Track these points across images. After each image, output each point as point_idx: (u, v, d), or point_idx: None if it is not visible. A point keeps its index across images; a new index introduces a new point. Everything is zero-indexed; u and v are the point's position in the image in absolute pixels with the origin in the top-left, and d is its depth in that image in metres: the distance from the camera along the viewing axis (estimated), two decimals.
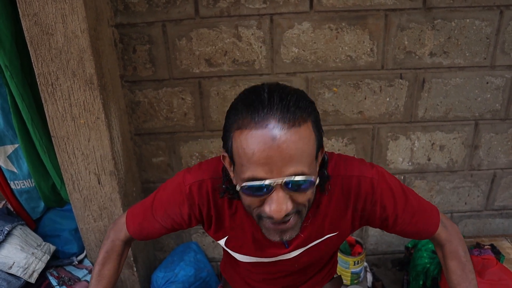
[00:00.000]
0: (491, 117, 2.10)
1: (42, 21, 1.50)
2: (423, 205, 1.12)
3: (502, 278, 1.70)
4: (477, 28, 1.91)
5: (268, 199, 0.80)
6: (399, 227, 1.07)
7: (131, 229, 1.19)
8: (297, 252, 1.10)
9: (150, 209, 1.13)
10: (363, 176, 0.99)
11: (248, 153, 0.76)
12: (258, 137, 0.75)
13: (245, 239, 1.08)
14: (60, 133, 1.69)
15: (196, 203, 1.03)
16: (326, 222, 1.04)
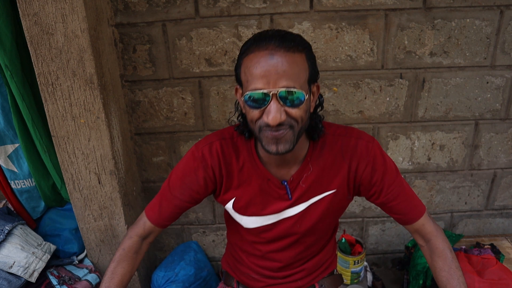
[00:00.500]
0: (491, 117, 2.10)
1: (42, 21, 1.51)
2: (412, 192, 1.18)
3: (502, 277, 1.70)
4: (477, 28, 1.91)
5: (266, 110, 0.96)
6: (384, 198, 1.15)
7: (151, 215, 1.23)
8: (300, 208, 1.18)
9: (168, 188, 1.21)
10: (361, 138, 1.14)
11: (251, 70, 0.95)
12: (260, 57, 0.94)
13: (252, 194, 1.18)
14: (61, 132, 1.69)
15: (209, 164, 1.15)
16: (324, 176, 1.15)
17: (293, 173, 1.15)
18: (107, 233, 1.92)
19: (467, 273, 1.72)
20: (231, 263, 1.47)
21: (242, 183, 1.17)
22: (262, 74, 0.93)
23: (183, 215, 2.30)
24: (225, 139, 1.17)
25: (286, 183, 1.16)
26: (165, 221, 1.24)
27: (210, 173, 1.16)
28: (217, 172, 1.16)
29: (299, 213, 1.20)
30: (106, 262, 1.98)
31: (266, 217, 1.21)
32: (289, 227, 1.22)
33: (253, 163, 1.16)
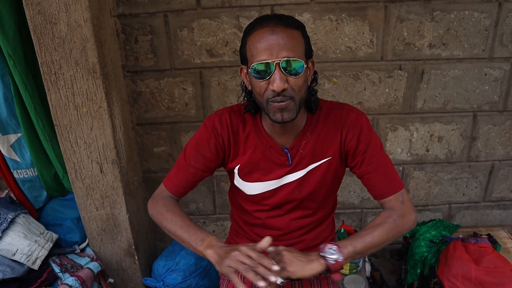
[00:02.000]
0: (489, 109, 2.12)
1: (45, 10, 1.52)
2: (392, 170, 1.26)
3: (498, 265, 1.73)
4: (476, 20, 1.93)
5: (271, 80, 1.07)
6: (364, 168, 1.24)
7: (168, 185, 1.34)
8: (299, 174, 1.28)
9: (183, 159, 1.31)
10: (352, 111, 1.25)
11: (256, 44, 1.08)
12: (263, 33, 1.07)
13: (256, 160, 1.29)
14: (63, 121, 1.71)
15: (219, 133, 1.27)
16: (320, 145, 1.26)
17: (293, 141, 1.26)
18: (109, 222, 1.94)
19: (464, 261, 1.74)
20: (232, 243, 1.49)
21: (248, 150, 1.29)
22: (266, 47, 1.06)
23: (184, 205, 2.32)
24: (234, 111, 1.30)
25: (286, 149, 1.26)
26: (182, 189, 1.34)
27: (220, 141, 1.28)
28: (226, 140, 1.28)
29: (299, 179, 1.29)
30: (108, 251, 2.01)
31: (268, 183, 1.31)
32: (289, 192, 1.31)
33: (258, 133, 1.28)
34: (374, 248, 1.21)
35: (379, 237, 1.19)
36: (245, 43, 1.15)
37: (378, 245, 1.21)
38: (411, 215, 1.23)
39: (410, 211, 1.23)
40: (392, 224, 1.20)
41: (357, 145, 1.23)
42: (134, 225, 2.01)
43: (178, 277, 2.06)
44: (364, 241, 1.18)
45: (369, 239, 1.19)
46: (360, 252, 1.18)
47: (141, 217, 2.14)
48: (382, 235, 1.19)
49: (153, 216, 1.34)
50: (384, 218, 1.22)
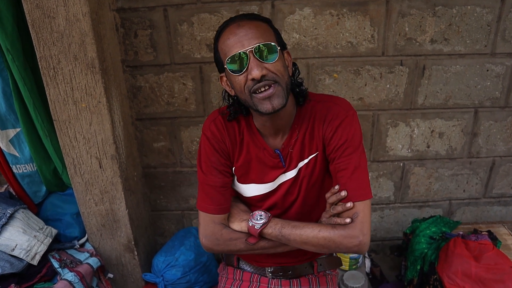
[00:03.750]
0: (490, 105, 2.11)
1: (43, 4, 1.50)
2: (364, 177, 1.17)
3: (498, 262, 1.72)
4: (478, 15, 1.91)
5: (248, 70, 1.06)
6: (336, 165, 1.18)
7: (211, 208, 1.27)
8: (292, 173, 1.26)
9: (204, 177, 1.27)
10: (338, 105, 1.21)
11: (226, 42, 1.08)
12: (230, 30, 1.08)
13: (250, 161, 1.27)
14: (62, 117, 1.70)
15: (219, 137, 1.25)
16: (308, 140, 1.23)
17: (283, 141, 1.25)
18: (108, 218, 1.93)
19: (464, 258, 1.74)
20: None
21: (243, 151, 1.27)
22: (236, 41, 1.06)
23: (184, 201, 2.32)
24: (225, 113, 1.27)
25: (278, 151, 1.25)
26: (225, 204, 1.29)
27: (222, 145, 1.26)
28: (228, 142, 1.26)
29: (292, 178, 1.27)
30: (107, 247, 2.01)
31: (264, 186, 1.29)
32: (285, 193, 1.29)
33: (252, 133, 1.26)
34: (300, 244, 1.19)
35: (308, 237, 1.16)
36: (216, 47, 1.14)
37: (305, 243, 1.17)
38: (356, 238, 1.11)
39: (357, 233, 1.12)
40: (328, 234, 1.14)
41: (331, 140, 1.18)
42: (134, 221, 2.01)
43: (178, 273, 2.06)
44: (293, 230, 1.18)
45: (298, 232, 1.17)
46: (285, 237, 1.20)
47: (141, 212, 2.13)
48: (312, 236, 1.15)
49: (223, 251, 1.32)
50: (330, 225, 1.16)
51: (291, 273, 1.42)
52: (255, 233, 1.22)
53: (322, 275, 1.46)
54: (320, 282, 1.44)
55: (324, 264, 1.45)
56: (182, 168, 2.22)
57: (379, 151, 2.19)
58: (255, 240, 1.23)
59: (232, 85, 1.14)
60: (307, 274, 1.44)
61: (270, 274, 1.42)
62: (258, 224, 1.21)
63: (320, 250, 1.18)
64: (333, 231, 1.14)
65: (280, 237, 1.20)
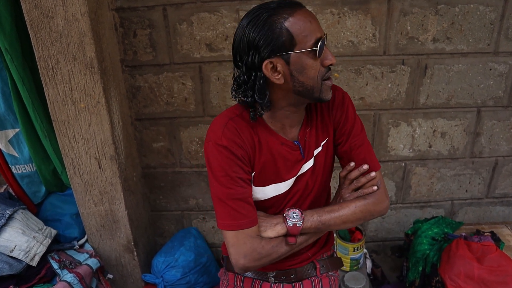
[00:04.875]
0: (493, 104, 2.09)
1: (42, 4, 1.50)
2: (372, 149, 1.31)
3: (501, 264, 1.70)
4: (481, 13, 1.89)
5: (324, 56, 1.08)
6: (350, 145, 1.26)
7: (243, 222, 1.15)
8: (310, 163, 1.27)
9: (226, 193, 1.14)
10: (336, 90, 1.27)
11: (304, 24, 1.04)
12: (303, 13, 1.05)
13: (272, 161, 1.22)
14: (61, 117, 1.69)
15: (239, 143, 1.15)
16: (320, 128, 1.27)
17: (299, 133, 1.25)
18: (108, 218, 1.93)
19: (466, 259, 1.72)
20: None
21: (262, 151, 1.20)
22: (315, 26, 1.06)
23: (183, 201, 2.31)
24: (233, 117, 1.18)
25: (298, 142, 1.24)
26: (256, 215, 1.19)
27: (243, 150, 1.16)
28: (248, 147, 1.18)
29: (310, 168, 1.28)
30: (107, 247, 2.00)
31: (283, 184, 1.26)
32: (304, 186, 1.29)
33: (266, 131, 1.20)
34: (340, 225, 1.23)
35: (348, 215, 1.22)
36: (283, 28, 1.03)
37: (345, 222, 1.23)
38: (384, 202, 1.26)
39: (384, 197, 1.26)
40: (364, 206, 1.23)
41: (344, 124, 1.26)
42: (133, 221, 2.00)
43: (178, 274, 2.06)
44: (331, 215, 1.21)
45: (337, 214, 1.21)
46: (325, 225, 1.21)
47: (140, 213, 2.13)
48: (351, 213, 1.22)
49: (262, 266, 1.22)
50: (360, 198, 1.25)
51: (293, 276, 1.40)
52: (298, 231, 1.18)
53: (325, 277, 1.44)
54: (323, 284, 1.41)
55: (327, 265, 1.43)
56: (182, 168, 2.20)
57: (381, 151, 2.18)
58: (295, 239, 1.19)
59: (303, 69, 1.08)
60: (309, 277, 1.42)
61: (273, 279, 1.40)
62: (299, 221, 1.18)
63: (357, 223, 1.27)
64: (366, 202, 1.24)
65: (320, 226, 1.21)
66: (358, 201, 1.24)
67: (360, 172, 1.25)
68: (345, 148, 1.27)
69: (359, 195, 1.26)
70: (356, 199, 1.25)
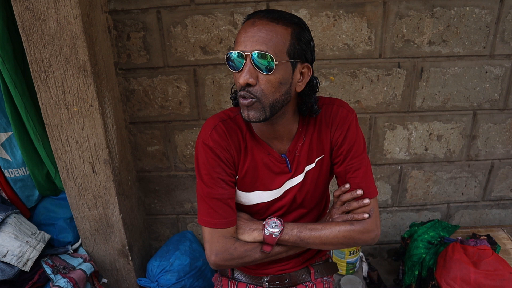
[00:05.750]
0: (489, 107, 2.08)
1: (34, 6, 1.48)
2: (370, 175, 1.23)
3: (497, 268, 1.70)
4: (477, 16, 1.88)
5: (241, 73, 1.03)
6: (346, 167, 1.20)
7: (218, 222, 1.19)
8: (299, 178, 1.24)
9: (207, 191, 1.18)
10: (342, 106, 1.21)
11: (237, 36, 1.04)
12: (245, 26, 1.03)
13: (256, 169, 1.22)
14: (54, 121, 1.67)
15: (223, 145, 1.18)
16: (314, 144, 1.22)
17: (289, 146, 1.22)
18: (102, 223, 1.91)
19: (462, 263, 1.71)
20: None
21: (247, 158, 1.22)
22: (242, 39, 1.02)
23: (178, 205, 2.29)
24: (225, 120, 1.21)
25: (285, 156, 1.22)
26: (233, 216, 1.22)
27: (227, 153, 1.19)
28: (233, 149, 1.20)
29: (299, 184, 1.25)
30: (101, 252, 1.98)
31: (269, 193, 1.25)
32: (291, 199, 1.26)
33: (254, 139, 1.21)
34: (319, 245, 1.21)
35: (328, 237, 1.19)
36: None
37: (325, 244, 1.20)
38: (373, 232, 1.20)
39: (374, 227, 1.20)
40: (348, 232, 1.19)
41: (342, 143, 1.20)
42: (128, 225, 1.98)
43: (173, 278, 2.04)
44: (312, 233, 1.19)
45: (317, 234, 1.19)
46: (303, 241, 1.20)
47: (135, 217, 2.11)
48: (332, 236, 1.19)
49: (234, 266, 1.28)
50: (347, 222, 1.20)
51: (288, 281, 1.39)
52: (273, 241, 1.19)
53: (320, 282, 1.43)
54: None
55: (321, 270, 1.42)
56: (177, 172, 2.19)
57: (377, 154, 2.17)
58: (270, 248, 1.20)
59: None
60: (304, 282, 1.41)
61: (267, 284, 1.39)
62: (275, 232, 1.19)
63: (338, 247, 1.25)
64: (352, 228, 1.19)
65: (298, 241, 1.20)
66: (344, 225, 1.20)
67: (353, 196, 1.20)
68: (340, 169, 1.22)
69: (347, 219, 1.21)
70: (343, 222, 1.21)
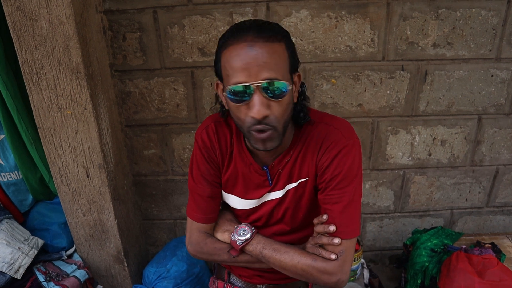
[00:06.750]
0: (495, 112, 2.03)
1: (25, 6, 1.43)
2: (354, 213, 1.09)
3: (503, 278, 1.65)
4: (483, 18, 1.83)
5: (250, 104, 0.95)
6: (324, 197, 1.10)
7: (196, 216, 1.25)
8: (279, 193, 1.19)
9: (194, 184, 1.23)
10: (340, 129, 1.09)
11: (231, 63, 0.93)
12: (239, 49, 0.92)
13: (237, 175, 1.21)
14: (46, 124, 1.63)
15: (209, 146, 1.19)
16: (301, 163, 1.14)
17: (275, 160, 1.16)
18: (97, 228, 1.86)
19: (467, 273, 1.66)
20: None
21: (231, 163, 1.21)
22: (243, 67, 0.92)
23: (176, 210, 2.24)
24: (218, 121, 1.21)
25: (267, 168, 1.17)
26: (210, 214, 1.26)
27: (212, 154, 1.20)
28: (218, 152, 1.20)
29: (278, 199, 1.20)
30: (96, 257, 1.94)
31: (248, 202, 1.24)
32: (269, 211, 1.23)
33: (239, 147, 1.19)
34: (279, 268, 1.15)
35: (287, 265, 1.12)
36: (219, 58, 1.00)
37: (284, 269, 1.13)
38: (335, 276, 1.06)
39: (338, 271, 1.06)
40: (308, 266, 1.08)
41: (326, 170, 1.08)
42: (123, 231, 1.94)
43: (169, 285, 1.99)
44: (273, 253, 1.14)
45: (278, 256, 1.13)
46: (265, 258, 1.16)
47: (131, 222, 2.06)
48: (291, 265, 1.11)
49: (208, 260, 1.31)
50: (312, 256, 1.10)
51: None
52: (237, 248, 1.18)
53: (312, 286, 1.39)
54: None
55: None
56: (174, 176, 2.14)
57: (379, 159, 2.12)
58: (236, 253, 1.19)
59: (229, 106, 1.03)
60: None
61: None
62: (240, 240, 1.17)
63: (295, 277, 1.15)
64: (313, 264, 1.08)
65: (260, 257, 1.16)
66: (306, 257, 1.10)
67: (325, 230, 1.08)
68: (320, 197, 1.12)
69: (314, 252, 1.10)
70: (307, 254, 1.11)
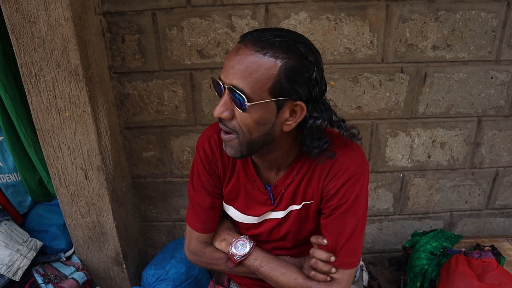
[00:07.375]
0: (494, 114, 2.02)
1: (23, 8, 1.43)
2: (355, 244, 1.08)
3: (502, 282, 1.64)
4: (483, 20, 1.82)
5: (219, 102, 0.94)
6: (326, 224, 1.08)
7: (195, 225, 1.25)
8: (281, 214, 1.16)
9: (194, 193, 1.23)
10: (350, 158, 1.03)
11: (226, 61, 0.93)
12: (235, 49, 0.92)
13: (239, 190, 1.19)
14: (45, 126, 1.62)
15: (211, 158, 1.17)
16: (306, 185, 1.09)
17: (278, 179, 1.13)
18: (95, 230, 1.86)
19: (466, 277, 1.66)
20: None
21: (233, 177, 1.19)
22: (225, 66, 0.93)
23: (175, 212, 2.24)
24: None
25: (270, 188, 1.14)
26: (210, 224, 1.26)
27: (213, 166, 1.18)
28: (219, 164, 1.18)
29: (280, 219, 1.18)
30: (95, 259, 1.93)
31: (249, 217, 1.22)
32: (270, 229, 1.21)
33: (244, 161, 1.15)
34: (276, 286, 1.16)
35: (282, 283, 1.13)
36: None
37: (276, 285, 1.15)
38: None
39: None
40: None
41: (332, 197, 1.05)
42: (122, 233, 1.93)
43: (168, 287, 1.98)
44: (270, 271, 1.15)
45: (273, 274, 1.14)
46: (262, 274, 1.17)
47: (130, 224, 2.06)
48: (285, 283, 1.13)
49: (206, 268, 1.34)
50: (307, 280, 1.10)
51: None
52: (234, 261, 1.19)
53: None
54: None
55: None
56: (173, 178, 2.13)
57: (378, 161, 2.11)
58: (233, 265, 1.19)
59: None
60: None
61: None
62: (237, 255, 1.18)
63: None
64: (308, 285, 1.10)
65: (257, 273, 1.17)
66: (302, 278, 1.11)
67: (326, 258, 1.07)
68: (323, 222, 1.11)
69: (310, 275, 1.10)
70: (305, 277, 1.11)
